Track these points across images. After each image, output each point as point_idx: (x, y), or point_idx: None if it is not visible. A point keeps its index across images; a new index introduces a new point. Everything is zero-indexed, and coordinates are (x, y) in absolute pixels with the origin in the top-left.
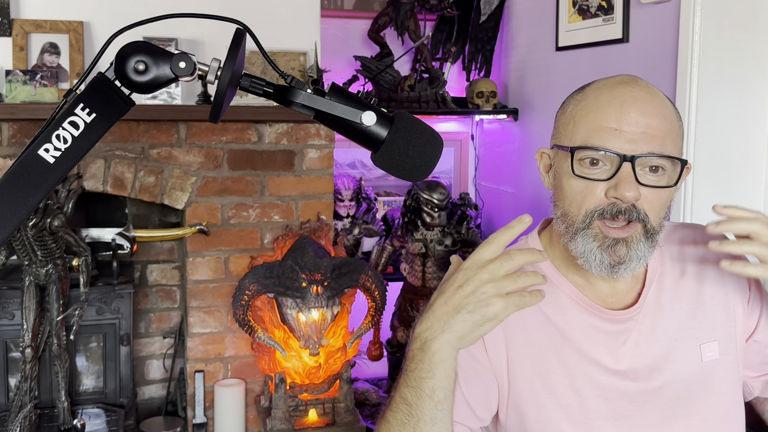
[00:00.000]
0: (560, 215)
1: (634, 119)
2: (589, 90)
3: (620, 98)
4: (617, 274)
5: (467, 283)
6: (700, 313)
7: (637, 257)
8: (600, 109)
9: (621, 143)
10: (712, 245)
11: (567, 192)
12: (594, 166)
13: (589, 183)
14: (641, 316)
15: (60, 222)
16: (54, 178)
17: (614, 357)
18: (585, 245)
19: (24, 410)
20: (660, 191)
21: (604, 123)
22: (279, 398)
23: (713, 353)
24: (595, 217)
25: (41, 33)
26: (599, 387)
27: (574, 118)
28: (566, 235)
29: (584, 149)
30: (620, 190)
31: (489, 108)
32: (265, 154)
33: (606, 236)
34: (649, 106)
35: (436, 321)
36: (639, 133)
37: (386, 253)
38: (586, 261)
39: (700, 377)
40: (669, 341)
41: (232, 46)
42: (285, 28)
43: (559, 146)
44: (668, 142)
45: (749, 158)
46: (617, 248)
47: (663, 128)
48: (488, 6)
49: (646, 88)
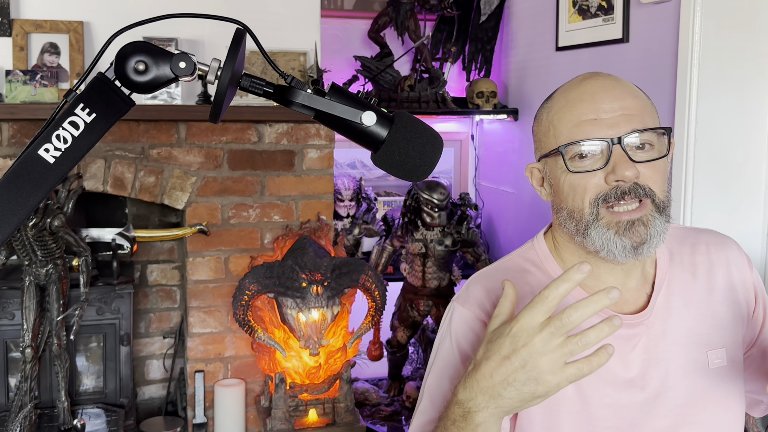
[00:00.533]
0: (566, 215)
1: (608, 105)
2: (557, 94)
3: (590, 91)
4: (641, 255)
5: (515, 354)
6: (709, 319)
7: (657, 233)
8: (573, 106)
9: (604, 130)
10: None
11: (567, 191)
12: (585, 159)
13: (586, 174)
14: (651, 320)
15: (60, 222)
16: (54, 178)
17: (624, 363)
18: (601, 236)
19: (24, 410)
20: (655, 164)
21: (582, 117)
22: (279, 398)
23: (720, 360)
24: (600, 204)
25: (41, 33)
26: (608, 395)
27: (552, 123)
28: (578, 233)
29: (572, 144)
30: (619, 171)
31: (489, 108)
32: (265, 154)
33: (619, 221)
34: (617, 91)
35: (480, 393)
36: (617, 116)
37: (386, 253)
38: (608, 251)
39: (706, 384)
40: (677, 347)
41: (232, 46)
42: (285, 28)
43: (545, 155)
44: (647, 117)
45: (749, 158)
46: (635, 229)
47: (638, 106)
48: (488, 6)
49: (609, 77)
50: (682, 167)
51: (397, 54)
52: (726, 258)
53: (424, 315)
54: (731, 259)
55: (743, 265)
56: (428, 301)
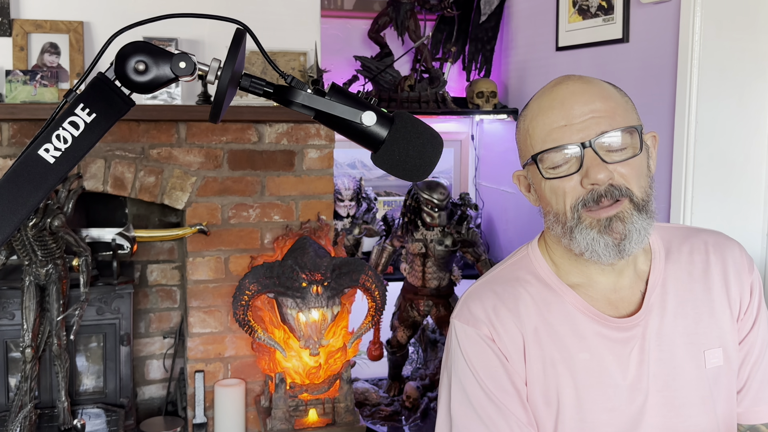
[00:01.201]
0: (553, 219)
1: (578, 110)
2: (532, 102)
3: (560, 98)
4: (624, 252)
5: None
6: (705, 318)
7: (636, 230)
8: (545, 113)
9: (573, 134)
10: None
11: (549, 196)
12: (560, 165)
13: (564, 179)
14: (646, 321)
15: (60, 222)
16: (54, 178)
17: (622, 366)
18: (585, 237)
19: (24, 410)
20: (630, 162)
21: (553, 124)
22: (279, 398)
23: (717, 360)
24: (580, 208)
25: (41, 33)
26: (608, 400)
27: (528, 131)
28: (564, 236)
29: (544, 152)
30: (592, 174)
31: (489, 108)
32: (265, 154)
33: (599, 219)
34: (587, 95)
35: None
36: (586, 120)
37: (386, 253)
38: (593, 252)
39: (703, 384)
40: (673, 347)
41: (232, 46)
42: (285, 28)
43: (526, 163)
44: (617, 117)
45: (749, 158)
46: (613, 225)
47: (607, 108)
48: (488, 6)
49: (580, 80)
50: (682, 167)
51: (397, 54)
52: (723, 258)
53: (424, 315)
54: (729, 259)
55: (743, 266)
56: (428, 301)
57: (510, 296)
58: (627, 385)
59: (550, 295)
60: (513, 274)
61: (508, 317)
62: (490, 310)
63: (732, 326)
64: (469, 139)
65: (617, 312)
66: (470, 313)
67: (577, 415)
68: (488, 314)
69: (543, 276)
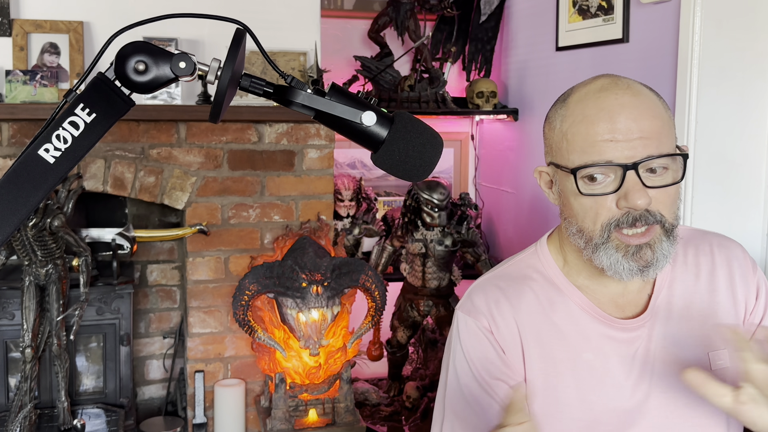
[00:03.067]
0: (575, 231)
1: (626, 126)
2: (572, 102)
3: (607, 109)
4: (647, 276)
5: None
6: (711, 320)
7: (663, 256)
8: (590, 123)
9: (619, 153)
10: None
11: (577, 210)
12: (597, 181)
13: (598, 198)
14: (651, 322)
15: (60, 222)
16: (54, 178)
17: (626, 366)
18: (609, 258)
19: (24, 410)
20: (668, 189)
21: (597, 137)
22: (279, 398)
23: (723, 361)
24: (612, 229)
25: (41, 33)
26: (612, 400)
27: (566, 136)
28: (587, 249)
29: (585, 167)
30: (631, 199)
31: (489, 108)
32: (265, 154)
33: (628, 245)
34: (637, 110)
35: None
36: (634, 139)
37: (386, 253)
38: (615, 272)
39: None
40: (678, 348)
41: (232, 46)
42: (285, 28)
43: (557, 165)
44: (664, 140)
45: (749, 158)
46: (642, 254)
47: (656, 128)
48: (488, 6)
49: (629, 89)
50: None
51: (397, 54)
52: (728, 259)
53: (424, 315)
54: (733, 260)
55: (747, 267)
56: (428, 301)
57: (514, 293)
58: (629, 385)
59: (555, 294)
60: (520, 271)
61: (508, 312)
62: (492, 303)
63: (737, 328)
64: (469, 139)
65: (623, 314)
66: (472, 304)
67: (577, 413)
68: (489, 307)
69: (550, 275)
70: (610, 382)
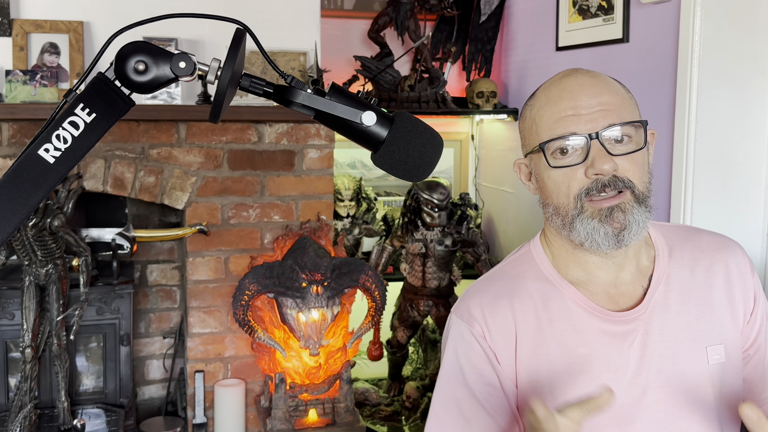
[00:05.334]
0: (552, 211)
1: (586, 101)
2: (539, 92)
3: (569, 89)
4: (623, 242)
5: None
6: (707, 315)
7: (636, 222)
8: (554, 103)
9: (582, 125)
10: None
11: (551, 188)
12: (565, 155)
13: (567, 170)
14: (647, 315)
15: (60, 222)
16: (54, 178)
17: (622, 360)
18: (585, 226)
19: (24, 410)
20: (633, 156)
21: (561, 114)
22: (279, 398)
23: (719, 356)
24: (583, 198)
25: (41, 33)
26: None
27: (535, 120)
28: (564, 227)
29: (552, 141)
30: (597, 165)
31: (489, 108)
32: (265, 154)
33: (600, 209)
34: (596, 88)
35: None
36: (595, 111)
37: (386, 253)
38: (592, 241)
39: (705, 380)
40: (675, 342)
41: (232, 46)
42: (285, 28)
43: (530, 151)
44: (624, 112)
45: (749, 158)
46: (614, 215)
47: (615, 101)
48: (488, 6)
49: (588, 73)
50: (682, 167)
51: (397, 54)
52: (726, 258)
53: (424, 315)
54: (732, 259)
55: (745, 267)
56: (428, 301)
57: (509, 292)
58: (626, 380)
59: (550, 290)
60: (515, 270)
61: (503, 314)
62: (486, 307)
63: (733, 325)
64: (469, 139)
65: (617, 306)
66: (467, 309)
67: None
68: (483, 312)
69: (544, 272)
70: (605, 377)
